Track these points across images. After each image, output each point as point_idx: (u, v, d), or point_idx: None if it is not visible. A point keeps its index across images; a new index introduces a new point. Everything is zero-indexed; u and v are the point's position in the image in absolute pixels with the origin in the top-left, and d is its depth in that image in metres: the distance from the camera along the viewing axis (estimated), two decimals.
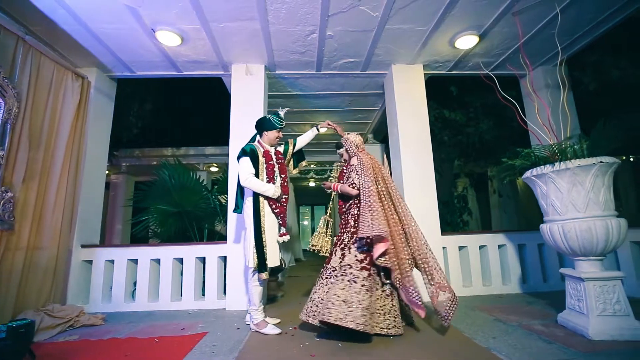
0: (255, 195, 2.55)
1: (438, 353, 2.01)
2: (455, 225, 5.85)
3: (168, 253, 3.57)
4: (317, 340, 2.28)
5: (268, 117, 2.73)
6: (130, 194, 7.84)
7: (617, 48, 4.27)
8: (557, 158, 2.38)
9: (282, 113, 2.77)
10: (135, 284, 3.56)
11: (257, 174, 2.56)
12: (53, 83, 3.14)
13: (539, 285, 3.65)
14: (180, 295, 3.55)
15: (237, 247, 3.40)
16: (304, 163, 3.02)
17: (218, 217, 4.49)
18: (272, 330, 2.47)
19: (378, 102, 5.09)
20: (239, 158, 2.61)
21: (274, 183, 2.63)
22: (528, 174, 2.55)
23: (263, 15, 3.02)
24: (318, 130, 2.95)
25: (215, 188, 4.67)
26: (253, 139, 2.79)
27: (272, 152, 2.72)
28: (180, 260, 3.63)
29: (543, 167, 2.41)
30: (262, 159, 2.61)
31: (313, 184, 10.07)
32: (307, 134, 2.95)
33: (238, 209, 2.73)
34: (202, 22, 3.08)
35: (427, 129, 3.89)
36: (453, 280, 3.55)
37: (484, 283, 3.70)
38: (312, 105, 5.16)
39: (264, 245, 2.48)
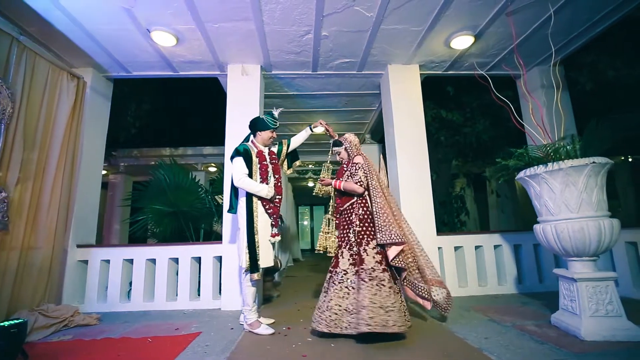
0: (249, 196, 2.55)
1: (429, 353, 2.00)
2: (453, 226, 5.86)
3: (163, 253, 3.58)
4: (309, 341, 2.28)
5: (262, 117, 2.73)
6: (129, 194, 7.84)
7: (612, 48, 4.27)
8: (550, 158, 2.38)
9: (276, 113, 2.77)
10: (131, 284, 3.56)
11: (250, 174, 2.56)
12: (48, 83, 3.14)
13: (535, 286, 3.65)
14: (176, 295, 3.56)
15: (232, 247, 3.40)
16: (298, 163, 3.02)
17: (214, 217, 4.49)
18: (265, 331, 2.47)
19: (375, 102, 5.09)
20: (233, 158, 2.60)
21: (268, 183, 2.62)
22: (522, 175, 2.55)
23: (258, 16, 3.02)
24: (312, 130, 2.94)
25: (211, 188, 4.67)
26: (247, 139, 2.80)
27: (265, 152, 2.71)
28: (176, 260, 3.62)
29: (536, 167, 2.41)
30: (255, 159, 2.61)
31: (312, 184, 10.07)
32: (301, 134, 2.94)
33: (233, 209, 2.73)
34: (197, 22, 3.08)
35: (423, 129, 3.89)
36: (449, 281, 3.54)
37: (480, 283, 3.70)
38: (308, 106, 5.15)
39: (257, 246, 2.47)
